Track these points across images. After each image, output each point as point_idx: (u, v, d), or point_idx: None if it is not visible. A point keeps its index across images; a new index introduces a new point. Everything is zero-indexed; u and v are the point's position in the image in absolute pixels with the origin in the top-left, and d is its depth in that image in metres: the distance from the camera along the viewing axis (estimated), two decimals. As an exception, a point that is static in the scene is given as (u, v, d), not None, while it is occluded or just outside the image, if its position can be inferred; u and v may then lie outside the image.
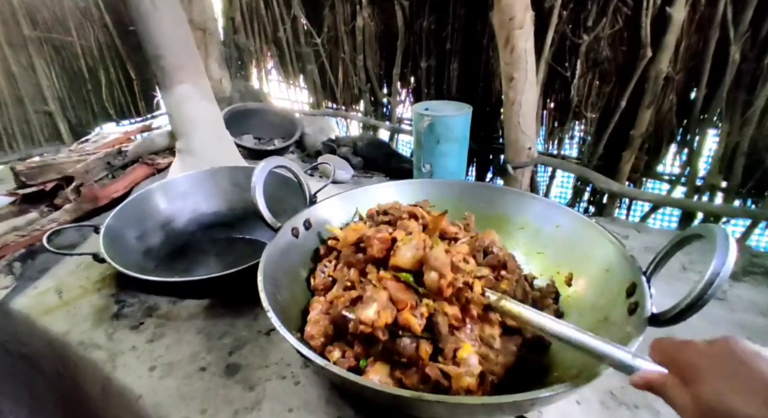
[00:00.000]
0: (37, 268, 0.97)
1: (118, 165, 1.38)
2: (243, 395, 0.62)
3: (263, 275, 0.61)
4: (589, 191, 1.51)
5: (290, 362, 0.68)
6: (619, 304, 0.59)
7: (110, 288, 0.90)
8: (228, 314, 0.80)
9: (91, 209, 1.17)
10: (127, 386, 0.66)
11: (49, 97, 1.84)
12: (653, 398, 0.67)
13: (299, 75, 2.17)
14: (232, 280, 0.79)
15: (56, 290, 0.90)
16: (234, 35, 2.19)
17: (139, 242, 1.01)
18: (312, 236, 0.79)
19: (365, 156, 1.71)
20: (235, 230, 1.14)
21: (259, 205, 0.73)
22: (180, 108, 1.36)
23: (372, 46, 1.78)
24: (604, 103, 1.35)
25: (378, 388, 0.44)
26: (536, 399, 0.43)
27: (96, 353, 0.72)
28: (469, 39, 1.52)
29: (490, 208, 0.87)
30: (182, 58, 1.33)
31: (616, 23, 1.24)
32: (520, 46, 1.19)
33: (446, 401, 0.43)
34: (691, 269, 0.98)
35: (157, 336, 0.76)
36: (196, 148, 1.39)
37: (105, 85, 2.01)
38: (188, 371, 0.68)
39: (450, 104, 1.31)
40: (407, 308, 0.54)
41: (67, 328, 0.79)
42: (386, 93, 1.89)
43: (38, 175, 1.21)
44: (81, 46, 1.88)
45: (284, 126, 1.91)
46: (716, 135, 1.24)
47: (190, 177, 1.14)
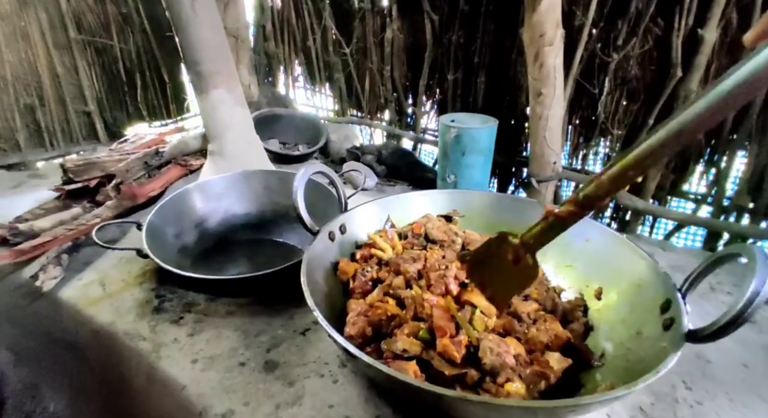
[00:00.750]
0: (81, 261, 1.02)
1: (155, 165, 1.43)
2: (283, 390, 0.65)
3: (307, 275, 0.64)
4: (612, 208, 1.52)
5: (328, 360, 0.70)
6: (652, 320, 0.60)
7: (150, 282, 0.94)
8: (264, 313, 0.83)
9: (130, 206, 1.22)
10: (171, 377, 0.69)
11: (89, 98, 1.92)
12: (683, 415, 0.68)
13: (326, 83, 2.22)
14: (268, 280, 0.82)
15: (100, 282, 0.94)
16: (264, 43, 2.26)
17: (176, 239, 1.04)
18: (346, 241, 0.82)
19: (389, 164, 1.74)
20: (265, 231, 1.18)
21: (300, 208, 0.76)
22: (214, 112, 1.41)
23: (400, 57, 1.82)
24: (631, 121, 1.37)
25: (423, 386, 0.46)
26: (576, 406, 0.45)
27: (141, 344, 0.76)
28: (497, 54, 1.55)
29: (519, 220, 0.88)
30: (219, 64, 1.39)
31: (646, 43, 1.26)
32: (549, 62, 1.21)
33: (490, 403, 0.44)
34: (719, 289, 0.98)
35: (197, 331, 0.79)
36: (227, 150, 1.43)
37: (140, 87, 2.09)
38: (228, 365, 0.71)
39: (476, 117, 1.34)
40: (446, 336, 0.56)
41: (112, 319, 0.83)
42: (411, 103, 1.92)
43: (83, 172, 1.27)
44: (121, 50, 1.97)
45: (309, 132, 1.96)
46: (744, 156, 1.24)
47: (225, 179, 1.18)
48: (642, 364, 0.55)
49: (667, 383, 0.73)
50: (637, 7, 1.21)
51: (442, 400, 0.47)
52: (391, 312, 0.62)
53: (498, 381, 0.54)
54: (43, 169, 1.68)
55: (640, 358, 0.59)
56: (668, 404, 0.70)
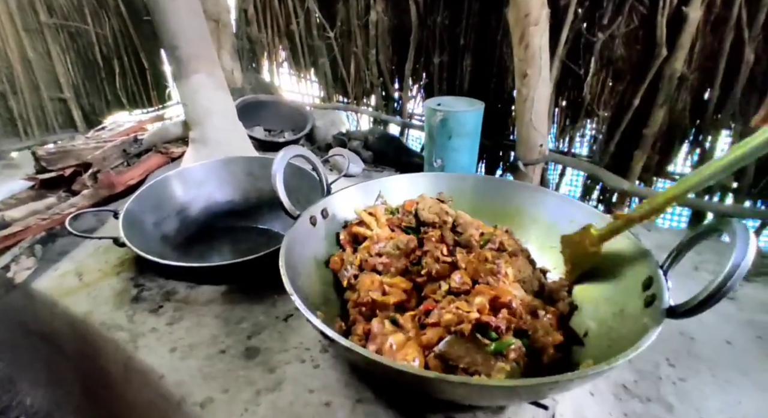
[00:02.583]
0: (56, 251, 0.99)
1: (134, 153, 1.39)
2: (263, 376, 0.64)
3: (285, 260, 0.63)
4: (599, 189, 1.52)
5: (309, 346, 0.69)
6: (635, 297, 0.60)
7: (129, 272, 0.91)
8: (245, 300, 0.82)
9: (108, 195, 1.19)
10: (149, 366, 0.67)
11: (64, 84, 1.85)
12: (666, 392, 0.68)
13: (311, 68, 2.17)
14: (250, 267, 0.80)
15: (76, 272, 0.91)
16: (246, 27, 2.20)
17: (155, 228, 1.02)
18: (328, 225, 0.80)
19: (376, 150, 1.72)
20: (248, 218, 1.16)
21: (279, 193, 0.74)
22: (194, 98, 1.37)
23: (385, 40, 1.78)
24: (617, 102, 1.36)
25: (401, 368, 0.45)
26: (556, 383, 0.44)
27: (118, 334, 0.74)
28: (482, 35, 1.52)
29: (504, 202, 0.88)
30: (197, 48, 1.35)
31: (631, 22, 1.24)
32: (534, 42, 1.19)
33: (470, 383, 0.44)
34: (703, 268, 0.98)
35: (176, 319, 0.78)
36: (209, 137, 1.40)
37: (118, 73, 2.02)
38: (208, 353, 0.69)
39: (462, 100, 1.31)
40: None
41: (88, 309, 0.81)
42: (398, 88, 1.89)
43: (58, 160, 1.23)
44: (96, 34, 1.89)
45: (295, 119, 1.92)
46: (729, 135, 1.24)
47: (205, 166, 1.16)
48: (624, 341, 0.55)
49: (651, 360, 0.73)
50: (623, -15, 1.20)
51: (423, 382, 0.46)
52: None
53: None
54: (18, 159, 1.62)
55: (622, 335, 0.59)
56: (652, 381, 0.70)
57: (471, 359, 0.48)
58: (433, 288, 0.63)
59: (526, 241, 0.85)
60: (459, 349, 0.49)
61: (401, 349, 0.51)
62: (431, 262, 0.67)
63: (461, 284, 0.62)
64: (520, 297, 0.61)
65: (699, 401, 0.67)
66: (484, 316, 0.52)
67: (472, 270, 0.65)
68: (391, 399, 0.58)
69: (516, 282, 0.67)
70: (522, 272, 0.74)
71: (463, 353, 0.49)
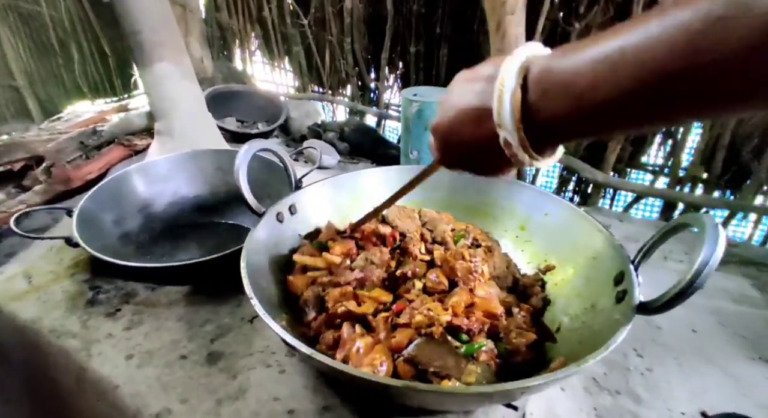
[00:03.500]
0: (3, 252, 0.92)
1: (93, 145, 1.31)
2: (226, 383, 0.61)
3: (246, 261, 0.59)
4: (575, 181, 1.53)
5: (275, 350, 0.66)
6: (606, 292, 0.60)
7: (84, 273, 0.86)
8: (210, 301, 0.78)
9: (64, 191, 1.12)
10: (103, 376, 0.63)
11: (16, 71, 1.73)
12: (634, 384, 0.69)
13: (284, 57, 2.10)
14: (215, 266, 0.76)
15: (25, 275, 0.85)
16: (216, 13, 2.11)
17: (115, 226, 0.96)
18: (297, 222, 0.77)
19: (352, 142, 1.68)
20: (218, 214, 1.11)
21: (242, 188, 0.71)
22: (159, 87, 1.30)
23: (360, 28, 1.73)
24: (592, 93, 1.36)
25: (367, 377, 0.42)
26: (527, 387, 0.43)
27: (69, 342, 0.69)
28: (459, 24, 1.49)
29: (479, 195, 0.86)
30: (161, 35, 1.27)
31: (607, 11, 1.23)
32: (511, 31, 1.17)
33: (438, 391, 0.42)
34: (671, 258, 1.00)
35: (134, 323, 0.73)
36: (176, 129, 1.33)
37: (77, 60, 1.90)
38: (168, 359, 0.65)
39: (439, 90, 1.29)
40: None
41: (37, 315, 0.75)
42: (374, 78, 1.85)
43: (5, 154, 1.14)
44: (51, 17, 1.77)
45: (269, 109, 1.86)
46: (699, 127, 1.25)
47: (170, 159, 1.10)
48: (596, 337, 0.54)
49: (619, 351, 0.74)
50: (599, -27, 1.19)
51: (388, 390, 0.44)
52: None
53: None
54: (-34, 153, 1.51)
55: (594, 331, 0.58)
56: (620, 373, 0.70)
57: (441, 363, 0.46)
58: (407, 287, 0.61)
59: (501, 235, 0.84)
60: (429, 352, 0.47)
61: (368, 353, 0.48)
62: (410, 261, 0.64)
63: (437, 284, 0.60)
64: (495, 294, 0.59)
65: (666, 391, 0.67)
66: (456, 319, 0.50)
67: (448, 269, 0.63)
68: (359, 406, 0.55)
69: (491, 280, 0.66)
70: (497, 269, 0.73)
71: (434, 357, 0.47)
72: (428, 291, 0.63)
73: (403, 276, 0.66)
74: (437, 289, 0.62)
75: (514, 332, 0.56)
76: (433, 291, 0.63)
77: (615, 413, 0.63)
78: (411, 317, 0.52)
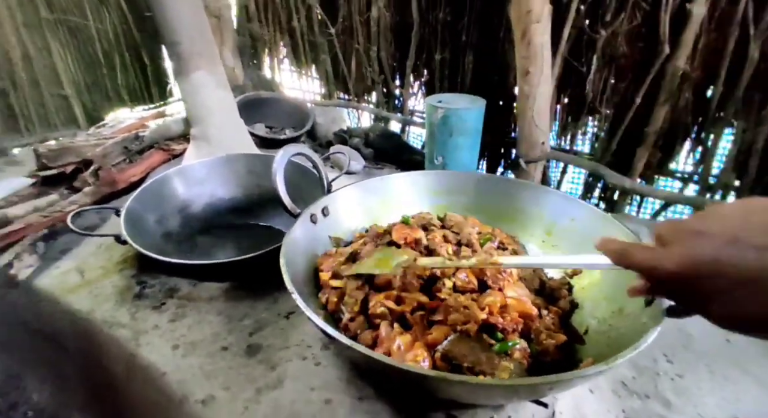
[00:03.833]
0: (58, 248, 0.99)
1: (135, 150, 1.39)
2: (265, 374, 0.64)
3: (286, 258, 0.63)
4: (600, 187, 1.52)
5: (311, 343, 0.69)
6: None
7: (131, 269, 0.92)
8: (248, 297, 0.82)
9: (109, 192, 1.19)
10: (151, 364, 0.68)
11: (65, 81, 1.85)
12: (663, 388, 0.69)
13: (312, 65, 2.16)
14: (252, 264, 0.81)
15: (78, 270, 0.92)
16: (248, 24, 2.19)
17: (157, 225, 1.02)
18: (329, 223, 0.80)
19: (376, 147, 1.72)
20: (251, 216, 1.16)
21: (279, 190, 0.74)
22: (196, 95, 1.37)
23: (386, 37, 1.78)
24: (619, 100, 1.35)
25: (406, 368, 0.45)
26: (557, 382, 0.44)
27: (120, 331, 0.74)
28: (484, 32, 1.51)
29: (507, 200, 0.88)
30: (199, 45, 1.34)
31: (634, 19, 1.23)
32: (536, 39, 1.18)
33: (470, 382, 0.44)
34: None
35: (178, 316, 0.78)
36: (210, 134, 1.40)
37: (120, 70, 2.01)
38: (210, 350, 0.70)
39: (463, 97, 1.31)
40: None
41: (90, 307, 0.81)
42: (399, 85, 1.89)
43: (59, 157, 1.23)
44: (96, 30, 1.89)
45: (296, 115, 1.92)
46: (731, 133, 1.23)
47: (207, 163, 1.16)
48: (623, 339, 0.55)
49: (649, 356, 0.74)
50: (626, -19, 1.19)
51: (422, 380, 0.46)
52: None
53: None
54: (20, 156, 1.62)
55: (622, 334, 0.59)
56: (650, 377, 0.70)
57: (475, 358, 0.48)
58: (437, 287, 0.63)
59: (528, 239, 0.85)
60: (463, 348, 0.49)
61: (409, 350, 0.51)
62: None
63: (466, 283, 0.62)
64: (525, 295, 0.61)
65: (697, 397, 0.67)
66: (492, 318, 0.53)
67: (477, 269, 0.65)
68: (393, 398, 0.58)
69: (519, 281, 0.68)
70: (524, 271, 0.75)
71: (467, 352, 0.49)
72: (458, 290, 0.65)
73: (432, 276, 0.68)
74: (467, 288, 0.65)
75: (545, 333, 0.58)
76: (463, 290, 0.65)
77: (644, 416, 0.63)
78: (446, 314, 0.54)
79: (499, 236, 0.82)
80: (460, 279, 0.66)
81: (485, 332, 0.53)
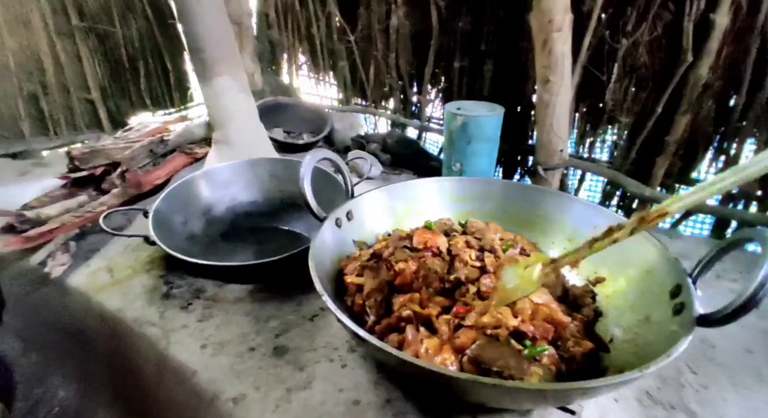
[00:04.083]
0: (87, 248, 1.02)
1: (160, 153, 1.43)
2: (293, 374, 0.66)
3: (315, 261, 0.64)
4: (619, 196, 1.51)
5: (337, 345, 0.71)
6: (662, 305, 0.61)
7: (159, 269, 0.94)
8: (273, 299, 0.84)
9: (136, 194, 1.22)
10: (182, 362, 0.69)
11: (92, 86, 1.91)
12: (688, 400, 0.68)
13: (330, 71, 2.20)
14: (277, 266, 0.82)
15: (108, 269, 0.94)
16: (267, 30, 2.24)
17: (183, 227, 1.05)
18: (353, 227, 0.82)
19: (394, 153, 1.73)
20: (272, 219, 1.18)
21: (307, 195, 0.75)
22: (218, 100, 1.40)
23: (405, 44, 1.80)
24: (639, 109, 1.35)
25: (437, 370, 0.46)
26: (589, 388, 0.45)
27: (150, 330, 0.76)
28: (504, 40, 1.53)
29: (529, 207, 0.89)
30: (222, 51, 1.38)
31: (655, 29, 1.24)
32: (557, 48, 1.19)
33: (501, 385, 0.45)
34: (725, 276, 0.98)
35: (206, 316, 0.80)
36: (232, 138, 1.43)
37: (143, 75, 2.07)
38: (239, 350, 0.71)
39: (482, 105, 1.32)
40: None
41: (120, 305, 0.83)
42: (416, 92, 1.91)
43: (89, 160, 1.27)
44: (123, 36, 1.95)
45: (314, 121, 1.95)
46: (753, 142, 1.22)
47: (230, 166, 1.18)
48: (650, 348, 0.55)
49: (673, 367, 0.73)
50: (648, -9, 1.19)
51: (452, 382, 0.47)
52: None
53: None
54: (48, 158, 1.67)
55: (648, 342, 0.59)
56: (674, 388, 0.70)
57: (504, 362, 0.49)
58: (461, 292, 0.64)
59: (549, 247, 0.85)
60: (492, 352, 0.50)
61: (438, 353, 0.52)
62: (461, 266, 0.68)
63: (491, 289, 0.63)
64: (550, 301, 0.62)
65: (721, 409, 0.67)
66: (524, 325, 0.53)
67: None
68: (420, 400, 0.59)
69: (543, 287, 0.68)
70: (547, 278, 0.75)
71: (496, 356, 0.50)
72: (482, 296, 0.66)
73: (456, 281, 0.69)
74: (491, 293, 0.65)
75: (572, 341, 0.58)
76: (487, 296, 0.65)
77: (669, 426, 0.63)
78: (476, 319, 0.55)
79: (520, 242, 0.82)
80: (485, 284, 0.67)
81: (514, 338, 0.54)
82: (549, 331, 0.55)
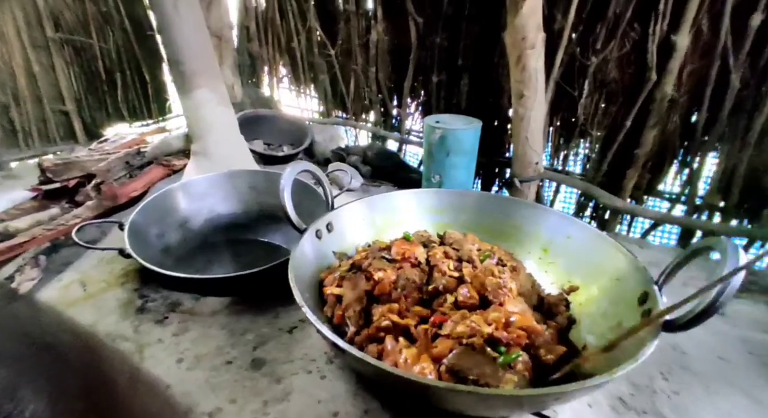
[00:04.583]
0: (60, 261, 0.99)
1: (136, 165, 1.40)
2: (271, 387, 0.65)
3: (294, 272, 0.64)
4: (592, 207, 1.56)
5: (314, 357, 0.70)
6: (631, 312, 0.63)
7: (133, 283, 0.92)
8: (249, 312, 0.83)
9: (111, 206, 1.20)
10: (156, 377, 0.67)
11: (67, 97, 1.87)
12: (661, 405, 0.70)
13: (310, 84, 2.21)
14: (255, 279, 0.81)
15: (80, 283, 0.92)
16: (248, 43, 2.25)
17: (158, 239, 1.03)
18: (333, 239, 0.82)
19: (374, 165, 1.75)
20: (250, 231, 1.17)
21: (287, 207, 0.76)
22: (197, 111, 1.39)
23: (384, 59, 1.83)
24: (609, 122, 1.41)
25: (415, 379, 0.46)
26: (562, 393, 0.46)
27: (124, 344, 0.74)
28: (480, 56, 1.58)
29: (505, 219, 0.91)
30: (201, 64, 1.38)
31: (623, 46, 1.30)
32: (531, 65, 1.24)
33: (477, 392, 0.45)
34: (691, 284, 1.01)
35: (181, 330, 0.78)
36: (211, 150, 1.42)
37: (120, 86, 2.04)
38: (215, 363, 0.70)
39: (460, 118, 1.36)
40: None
41: (93, 319, 0.81)
42: (396, 105, 1.94)
43: (62, 171, 1.24)
44: (100, 49, 1.92)
45: (294, 133, 1.95)
46: (716, 156, 1.29)
47: (209, 178, 1.17)
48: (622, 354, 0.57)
49: (646, 374, 0.75)
50: (615, 11, 1.26)
51: (429, 391, 0.48)
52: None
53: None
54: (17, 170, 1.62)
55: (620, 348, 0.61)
56: (647, 394, 0.72)
57: (480, 371, 0.50)
58: (439, 301, 0.65)
59: (525, 257, 0.88)
60: (469, 361, 0.51)
61: (416, 362, 0.53)
62: (439, 276, 0.69)
63: (468, 298, 0.64)
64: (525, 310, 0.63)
65: (693, 414, 0.69)
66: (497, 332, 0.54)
67: (478, 284, 0.67)
68: (399, 410, 0.59)
69: (519, 296, 0.70)
70: (522, 287, 0.77)
71: (472, 365, 0.50)
72: (459, 305, 0.67)
73: (434, 290, 0.70)
74: (468, 303, 0.66)
75: (544, 348, 0.60)
76: (464, 305, 0.67)
77: (641, 430, 0.65)
78: (452, 328, 0.56)
79: (498, 252, 0.84)
80: (462, 295, 0.68)
81: (489, 345, 0.55)
82: (522, 338, 0.56)
